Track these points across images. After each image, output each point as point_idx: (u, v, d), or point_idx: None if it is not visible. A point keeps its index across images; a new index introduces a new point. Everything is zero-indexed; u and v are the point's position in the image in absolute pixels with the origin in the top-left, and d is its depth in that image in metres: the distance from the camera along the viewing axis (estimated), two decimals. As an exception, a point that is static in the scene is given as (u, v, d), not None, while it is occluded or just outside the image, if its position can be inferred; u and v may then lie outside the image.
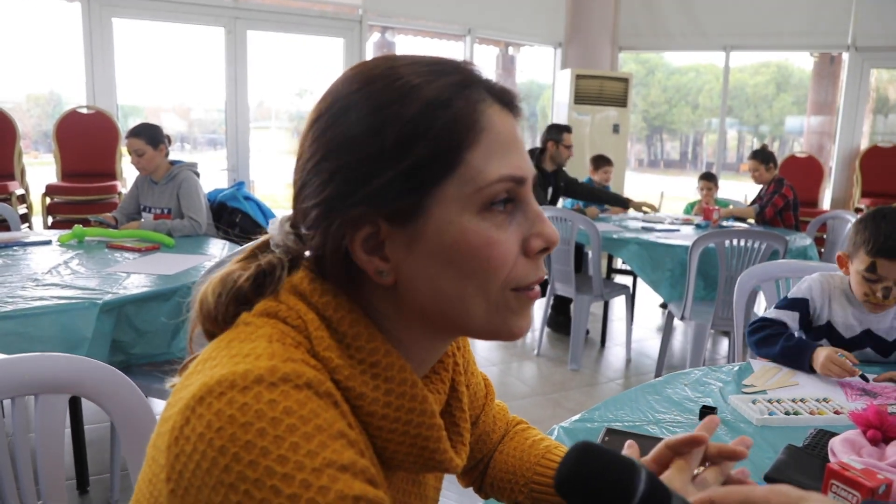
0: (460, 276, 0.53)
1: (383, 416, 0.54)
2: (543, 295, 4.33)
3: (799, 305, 1.55)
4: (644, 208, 4.40)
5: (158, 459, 0.46)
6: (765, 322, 1.54)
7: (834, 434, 1.05)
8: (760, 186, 4.21)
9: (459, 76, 0.54)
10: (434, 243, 0.52)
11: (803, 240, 3.53)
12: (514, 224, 0.55)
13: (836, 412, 1.19)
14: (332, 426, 0.46)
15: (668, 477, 0.65)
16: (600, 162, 4.69)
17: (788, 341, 1.44)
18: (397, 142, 0.51)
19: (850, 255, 1.50)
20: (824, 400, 1.25)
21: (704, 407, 1.18)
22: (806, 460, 0.98)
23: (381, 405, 0.53)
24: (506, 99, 0.56)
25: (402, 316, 0.56)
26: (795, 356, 1.42)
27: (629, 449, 0.72)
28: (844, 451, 0.99)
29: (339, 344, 0.54)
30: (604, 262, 4.72)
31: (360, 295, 0.56)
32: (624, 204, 4.38)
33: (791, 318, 1.54)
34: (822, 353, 1.37)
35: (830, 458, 0.99)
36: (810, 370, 1.40)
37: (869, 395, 1.30)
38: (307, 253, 0.58)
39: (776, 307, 1.58)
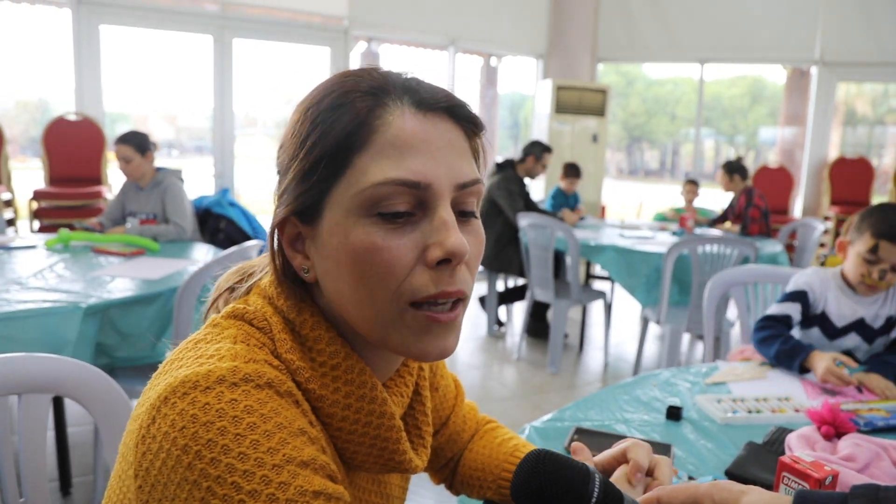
0: (352, 280, 0.52)
1: (343, 417, 0.55)
2: (521, 298, 4.39)
3: (800, 297, 1.62)
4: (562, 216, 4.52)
5: (127, 456, 0.48)
6: (767, 321, 1.59)
7: (792, 431, 1.10)
8: (731, 195, 4.34)
9: (373, 82, 0.53)
10: (327, 245, 0.53)
11: (774, 246, 3.62)
12: (416, 231, 0.52)
13: (796, 410, 1.24)
14: (293, 424, 0.48)
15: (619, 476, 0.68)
16: (570, 171, 4.65)
17: (784, 344, 1.49)
18: (300, 145, 0.54)
19: (852, 240, 1.56)
20: (785, 399, 1.31)
21: (671, 407, 1.22)
22: (764, 456, 1.03)
23: (340, 407, 0.55)
24: (425, 102, 0.53)
25: (335, 318, 0.57)
26: (788, 359, 1.47)
27: (579, 453, 0.74)
28: (800, 446, 1.05)
29: (301, 347, 0.55)
30: (582, 268, 4.80)
31: (314, 299, 0.58)
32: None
33: (794, 310, 1.60)
34: (822, 363, 1.38)
35: (787, 452, 1.04)
36: (801, 372, 1.44)
37: (828, 394, 1.36)
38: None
39: (778, 301, 1.64)
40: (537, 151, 4.09)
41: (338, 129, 0.52)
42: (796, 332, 1.65)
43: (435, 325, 0.53)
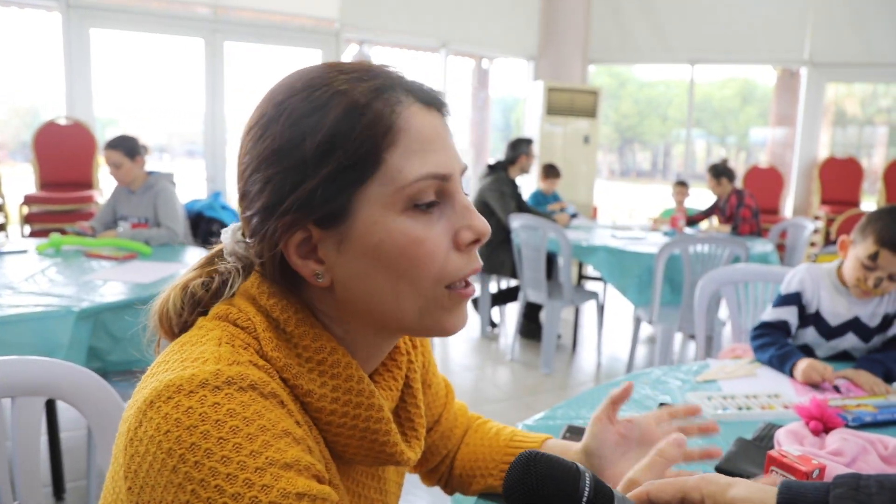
0: (391, 274, 0.54)
1: (332, 411, 0.56)
2: (514, 299, 4.40)
3: (795, 299, 1.61)
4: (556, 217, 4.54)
5: (118, 458, 0.49)
6: (763, 328, 1.60)
7: (781, 426, 1.11)
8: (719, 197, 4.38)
9: (378, 81, 0.55)
10: (362, 244, 0.54)
11: (764, 246, 3.66)
12: (443, 219, 0.56)
13: (785, 406, 1.26)
14: (276, 426, 0.48)
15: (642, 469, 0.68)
16: (550, 172, 4.71)
17: (778, 350, 1.51)
18: (318, 150, 0.52)
19: (854, 240, 1.54)
20: (775, 395, 1.32)
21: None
22: (753, 451, 1.04)
23: (328, 401, 0.55)
24: (427, 98, 0.56)
25: (341, 315, 0.58)
26: (779, 364, 1.49)
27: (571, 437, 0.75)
28: (788, 442, 1.06)
29: (287, 344, 0.55)
30: (574, 269, 4.82)
31: (303, 296, 0.58)
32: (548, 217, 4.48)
33: (790, 314, 1.60)
34: (802, 364, 1.42)
35: (776, 447, 1.03)
36: (791, 376, 1.46)
37: (816, 390, 1.37)
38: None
39: (774, 305, 1.63)
40: (525, 148, 4.15)
41: (365, 130, 0.53)
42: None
43: (462, 301, 0.58)
